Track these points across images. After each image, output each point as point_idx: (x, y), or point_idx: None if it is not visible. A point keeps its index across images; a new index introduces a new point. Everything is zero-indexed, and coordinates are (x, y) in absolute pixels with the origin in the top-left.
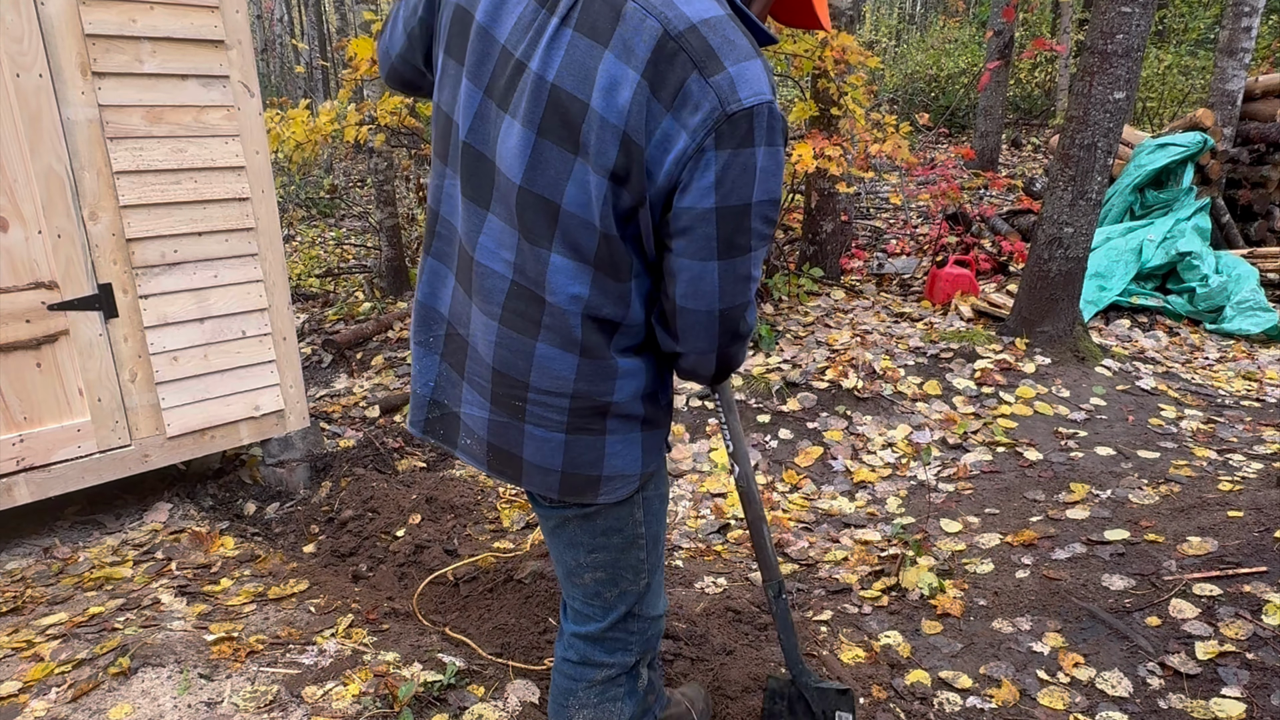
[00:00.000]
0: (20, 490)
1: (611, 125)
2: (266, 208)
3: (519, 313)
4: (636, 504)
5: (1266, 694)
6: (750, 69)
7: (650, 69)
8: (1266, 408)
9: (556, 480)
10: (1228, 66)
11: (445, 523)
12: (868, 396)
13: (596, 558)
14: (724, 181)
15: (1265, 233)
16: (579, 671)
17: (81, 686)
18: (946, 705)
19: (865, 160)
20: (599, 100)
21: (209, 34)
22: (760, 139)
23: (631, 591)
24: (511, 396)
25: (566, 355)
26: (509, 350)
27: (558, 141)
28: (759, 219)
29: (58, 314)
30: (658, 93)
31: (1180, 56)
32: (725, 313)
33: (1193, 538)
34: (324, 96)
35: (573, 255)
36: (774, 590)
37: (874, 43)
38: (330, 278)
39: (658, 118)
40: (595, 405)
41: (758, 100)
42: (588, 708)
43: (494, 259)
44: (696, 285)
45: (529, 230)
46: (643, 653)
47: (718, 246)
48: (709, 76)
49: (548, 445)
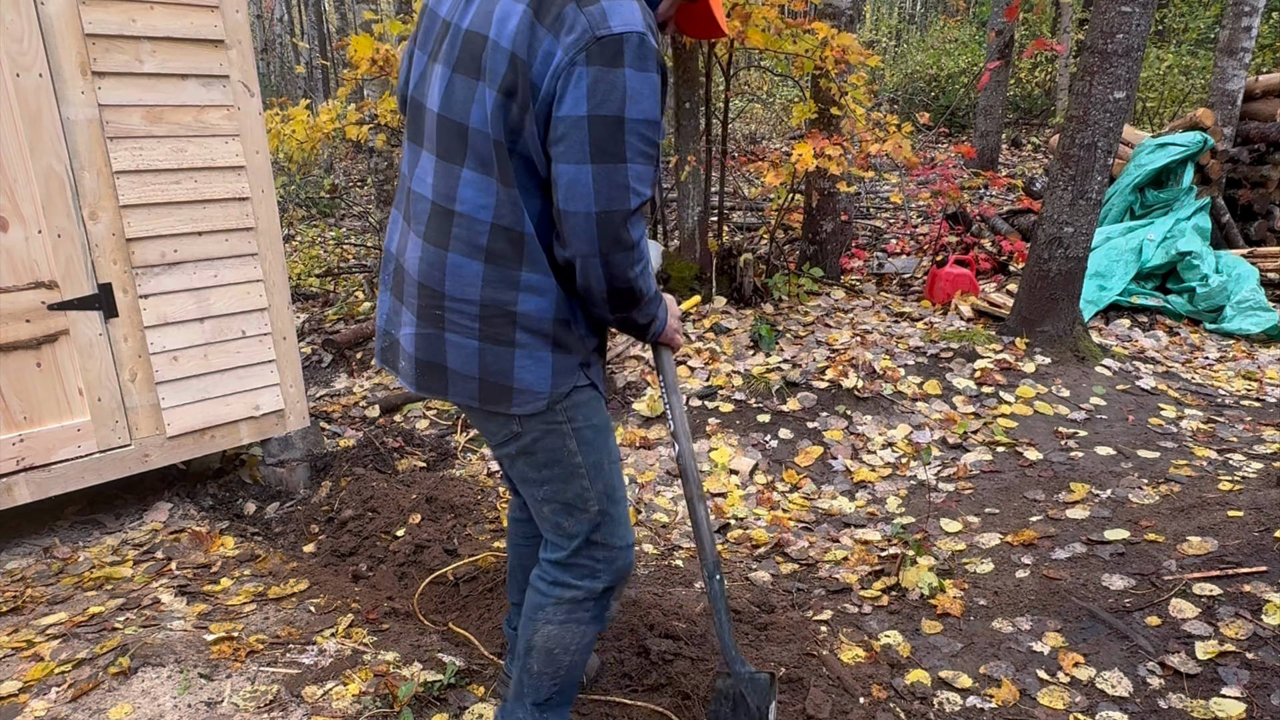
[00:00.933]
0: (20, 490)
1: (503, 49)
2: (266, 207)
3: (436, 228)
4: (568, 435)
5: (1266, 694)
6: (623, 5)
7: (535, 1)
8: (1266, 407)
9: (476, 387)
10: (1228, 66)
11: (445, 522)
12: (868, 396)
13: (546, 490)
14: (595, 93)
15: (1265, 232)
16: (549, 589)
17: (81, 686)
18: (946, 705)
19: (865, 160)
20: (494, 29)
21: (209, 34)
22: (630, 61)
23: (585, 520)
24: (433, 307)
25: (472, 262)
26: (428, 264)
27: (465, 72)
28: (634, 135)
29: (58, 314)
30: (541, 18)
31: (1180, 56)
32: (602, 215)
33: (1193, 537)
34: (324, 96)
35: (479, 169)
36: (709, 571)
37: (874, 42)
38: (330, 278)
39: (540, 38)
40: (502, 313)
41: (627, 29)
42: (552, 623)
43: (422, 185)
44: (573, 189)
45: (446, 151)
46: (613, 581)
47: (591, 151)
48: (584, 6)
49: (464, 351)
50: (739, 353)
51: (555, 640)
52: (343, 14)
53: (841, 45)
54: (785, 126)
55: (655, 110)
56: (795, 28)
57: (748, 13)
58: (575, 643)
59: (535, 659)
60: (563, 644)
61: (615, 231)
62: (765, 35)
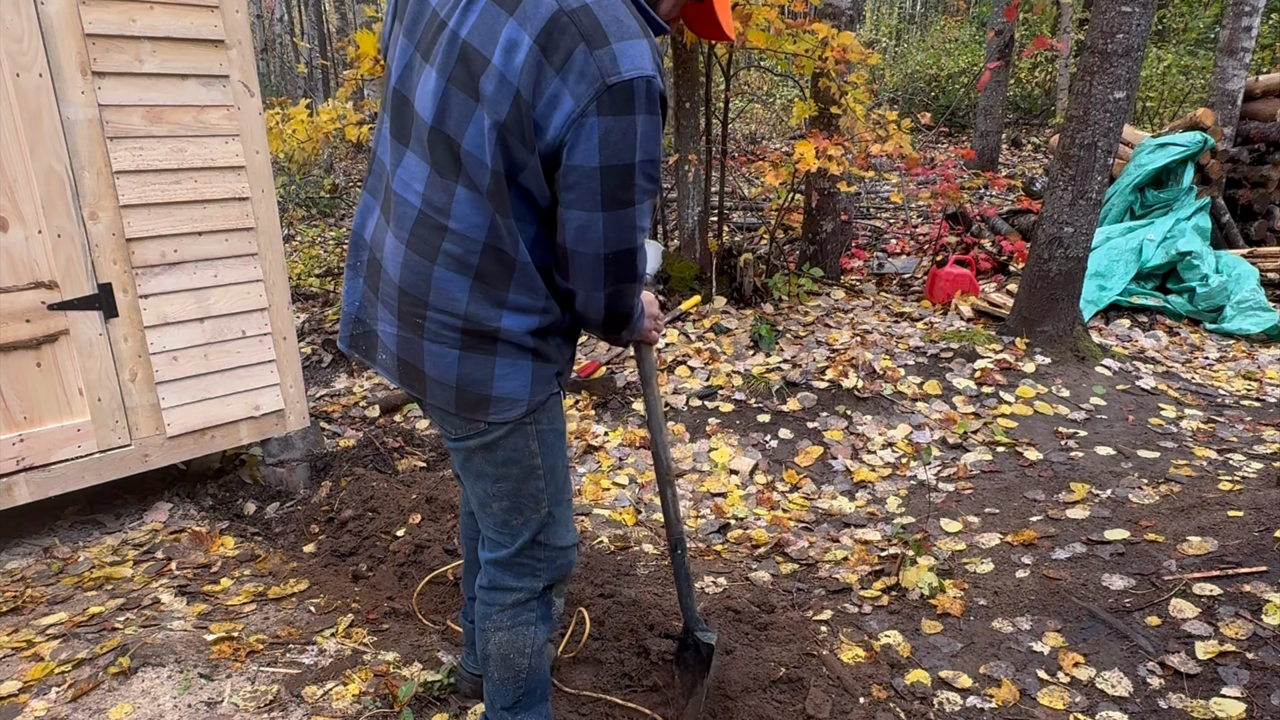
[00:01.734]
0: (20, 490)
1: (508, 82)
2: (266, 207)
3: (423, 239)
4: (531, 436)
5: (1266, 694)
6: (634, 47)
7: (544, 36)
8: (1266, 407)
9: (453, 395)
10: (1228, 66)
11: (445, 522)
12: (868, 396)
13: (501, 487)
14: (606, 144)
15: (1265, 232)
16: (491, 596)
17: (81, 686)
18: (946, 705)
19: (865, 159)
20: (499, 58)
21: (209, 33)
22: (640, 107)
23: (534, 519)
24: (414, 314)
25: (460, 278)
26: (412, 271)
27: (462, 89)
28: (642, 176)
29: (58, 314)
30: (549, 56)
31: (1180, 56)
32: (611, 256)
33: (1193, 537)
34: (324, 96)
35: (473, 189)
36: (672, 545)
37: (874, 42)
38: (330, 278)
39: (547, 80)
40: (485, 329)
41: (638, 74)
42: (502, 630)
43: (407, 190)
44: (584, 232)
45: (439, 165)
46: (552, 580)
47: (603, 200)
48: (594, 50)
49: (443, 360)
50: (739, 353)
51: (508, 645)
52: (343, 14)
53: (842, 45)
54: (785, 126)
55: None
56: (796, 28)
57: (748, 13)
58: (529, 645)
59: (494, 667)
60: (516, 648)
61: (622, 268)
62: (765, 35)
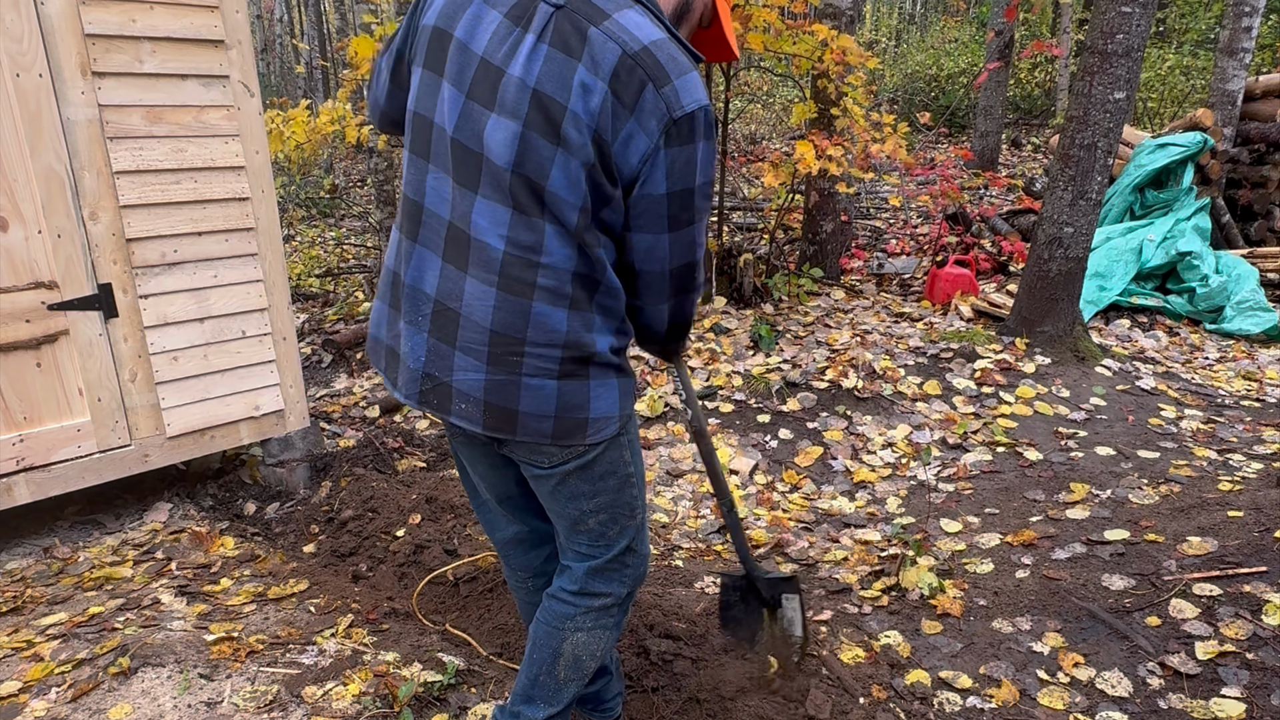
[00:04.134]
0: (20, 490)
1: (586, 124)
2: (266, 208)
3: (515, 278)
4: (624, 446)
5: (1266, 694)
6: (690, 80)
7: (615, 80)
8: (1266, 408)
9: (550, 425)
10: (1228, 66)
11: (445, 523)
12: (868, 396)
13: (598, 501)
14: (673, 172)
15: (1265, 233)
16: (578, 599)
17: (81, 686)
18: (946, 705)
19: (865, 160)
20: (577, 103)
21: (209, 34)
22: (700, 135)
23: (630, 526)
24: (509, 354)
25: (557, 310)
26: (507, 313)
27: (542, 135)
28: (701, 197)
29: (58, 314)
30: (621, 99)
31: (1181, 57)
32: (675, 271)
33: (1193, 538)
34: (324, 96)
35: (558, 223)
36: (726, 506)
37: (874, 43)
38: (330, 278)
39: (623, 121)
40: (583, 355)
41: (697, 105)
42: (582, 631)
43: (489, 234)
44: (651, 252)
45: (522, 206)
46: (634, 586)
47: (668, 222)
48: (660, 88)
49: (542, 393)
50: (739, 353)
51: (583, 647)
52: (343, 14)
53: (841, 46)
54: (785, 126)
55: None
56: (795, 29)
57: (748, 14)
58: (601, 648)
59: (563, 667)
60: (590, 650)
61: (684, 280)
62: (765, 37)
